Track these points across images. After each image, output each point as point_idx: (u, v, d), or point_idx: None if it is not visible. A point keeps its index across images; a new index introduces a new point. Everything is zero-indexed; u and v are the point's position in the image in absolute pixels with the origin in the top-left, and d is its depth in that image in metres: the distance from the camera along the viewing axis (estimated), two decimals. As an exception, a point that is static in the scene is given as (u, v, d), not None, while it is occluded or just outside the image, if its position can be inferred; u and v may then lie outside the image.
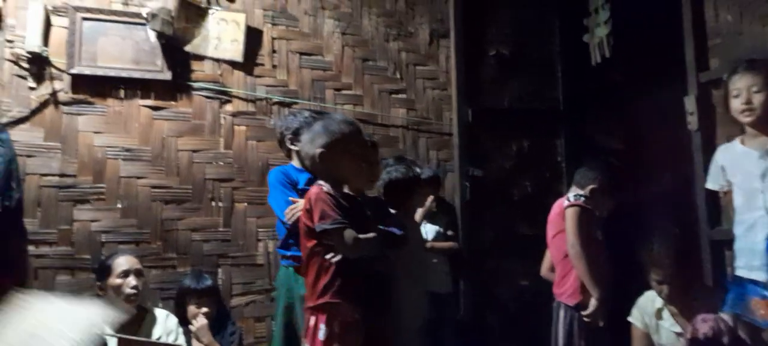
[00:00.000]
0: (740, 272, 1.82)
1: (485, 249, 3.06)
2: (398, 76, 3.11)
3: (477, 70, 3.19)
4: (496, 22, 3.24)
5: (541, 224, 2.47)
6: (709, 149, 2.40)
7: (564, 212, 2.13)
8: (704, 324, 1.76)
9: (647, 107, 2.83)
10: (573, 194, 2.14)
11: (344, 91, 3.02)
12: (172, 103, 2.76)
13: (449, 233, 2.84)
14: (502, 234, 3.11)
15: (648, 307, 2.15)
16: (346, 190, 1.83)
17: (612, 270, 2.24)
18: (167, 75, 2.71)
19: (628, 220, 2.54)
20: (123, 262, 2.35)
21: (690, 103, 2.44)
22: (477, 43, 3.19)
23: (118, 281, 2.33)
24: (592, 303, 1.90)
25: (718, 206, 2.37)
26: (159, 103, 2.74)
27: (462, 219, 3.06)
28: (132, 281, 2.32)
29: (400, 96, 3.10)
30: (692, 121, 2.43)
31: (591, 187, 2.20)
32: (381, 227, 1.82)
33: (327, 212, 1.71)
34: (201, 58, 2.80)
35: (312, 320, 1.75)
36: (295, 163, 2.29)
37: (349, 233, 1.70)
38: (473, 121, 3.12)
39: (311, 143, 1.82)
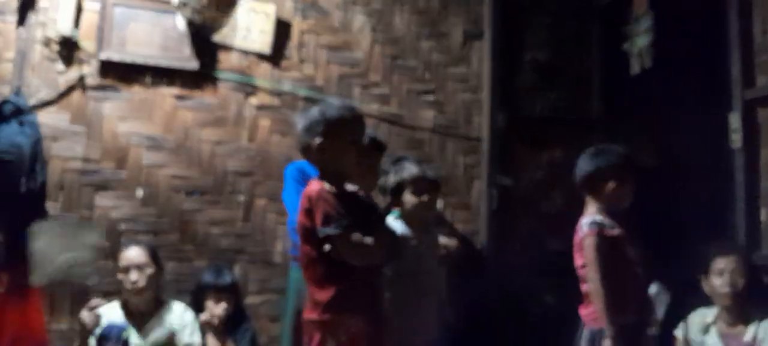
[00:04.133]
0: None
1: (511, 263, 3.17)
2: (428, 76, 3.25)
3: (511, 75, 3.31)
4: (534, 26, 3.36)
5: (570, 239, 2.56)
6: (752, 169, 2.51)
7: (581, 241, 2.14)
8: None
9: (687, 122, 2.92)
10: (589, 220, 2.14)
11: (372, 90, 3.17)
12: (198, 92, 2.94)
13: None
14: (530, 248, 3.21)
15: (696, 322, 2.29)
16: (347, 186, 1.80)
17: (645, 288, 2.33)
18: (194, 64, 2.90)
19: (665, 238, 2.63)
20: (125, 256, 2.52)
21: (734, 120, 2.53)
22: (512, 47, 3.31)
23: (120, 275, 2.51)
24: (606, 343, 1.99)
25: (759, 229, 2.46)
26: (184, 92, 2.92)
27: (488, 230, 3.18)
28: (132, 276, 2.48)
29: (428, 97, 3.24)
30: (736, 139, 2.53)
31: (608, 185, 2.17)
32: (384, 232, 1.81)
33: (330, 213, 1.66)
34: (228, 48, 2.97)
35: (315, 335, 1.72)
36: None
37: (356, 238, 1.67)
38: (505, 128, 3.24)
39: (308, 132, 1.77)
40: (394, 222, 2.37)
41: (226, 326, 2.61)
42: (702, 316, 2.29)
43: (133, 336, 2.47)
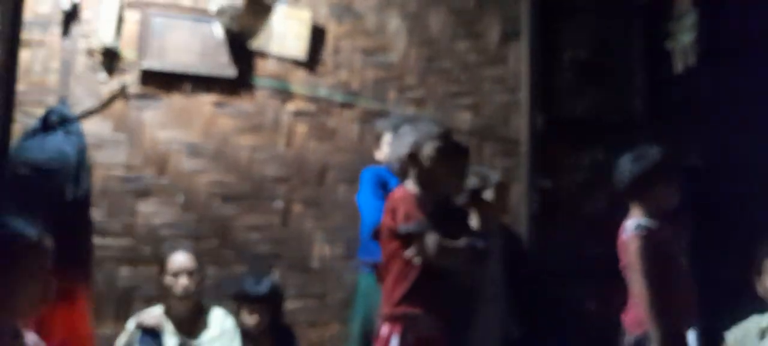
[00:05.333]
0: None
1: (552, 267, 3.18)
2: (464, 78, 3.29)
3: (550, 75, 3.33)
4: (573, 25, 3.38)
5: (612, 244, 2.57)
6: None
7: (626, 245, 2.15)
8: None
9: (735, 122, 2.90)
10: (635, 222, 2.15)
11: (407, 93, 3.23)
12: (235, 99, 3.04)
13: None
14: (571, 252, 3.22)
15: (752, 328, 2.30)
16: (437, 196, 1.97)
17: (698, 293, 2.34)
18: (232, 71, 3.00)
19: (715, 239, 2.63)
20: (175, 261, 2.61)
21: (783, 120, 2.52)
22: (551, 46, 3.34)
23: (170, 279, 2.60)
24: None
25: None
26: (222, 99, 3.03)
27: (529, 234, 3.20)
28: (183, 281, 2.58)
29: (465, 99, 3.29)
30: (786, 138, 2.51)
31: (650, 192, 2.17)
32: (469, 238, 1.96)
33: (411, 213, 1.82)
34: (265, 55, 3.07)
35: (385, 330, 1.85)
36: None
37: (432, 238, 1.80)
38: (545, 129, 3.26)
39: (399, 144, 1.96)
40: None
41: (265, 336, 2.69)
42: (757, 322, 2.30)
43: (173, 343, 2.57)
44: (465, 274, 1.98)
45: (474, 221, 2.46)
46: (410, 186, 1.94)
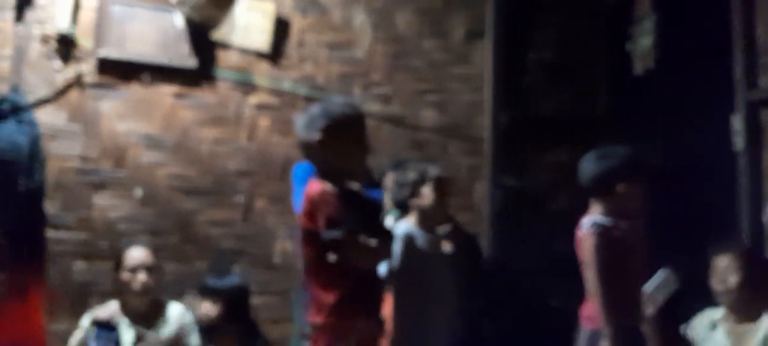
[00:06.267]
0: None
1: (516, 265, 3.26)
2: (431, 76, 3.34)
3: (515, 75, 3.41)
4: (538, 25, 3.46)
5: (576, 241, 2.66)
6: (755, 171, 2.61)
7: (582, 241, 2.22)
8: None
9: (692, 124, 3.02)
10: (591, 219, 2.22)
11: (373, 89, 3.27)
12: (197, 91, 3.04)
13: None
14: (535, 249, 3.30)
15: (704, 321, 2.42)
16: (348, 185, 1.84)
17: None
18: (193, 62, 3.00)
19: (672, 240, 2.73)
20: (133, 256, 2.61)
21: (737, 122, 2.64)
22: (516, 46, 3.41)
23: (128, 275, 2.59)
24: (605, 343, 2.09)
25: (762, 230, 2.57)
26: (183, 90, 3.02)
27: (492, 232, 3.27)
28: (141, 276, 2.58)
29: (431, 97, 3.34)
30: (738, 141, 2.64)
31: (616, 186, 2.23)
32: (383, 225, 1.90)
33: (334, 216, 1.69)
34: (227, 46, 3.07)
35: (321, 339, 1.76)
36: None
37: (363, 241, 1.71)
38: (509, 128, 3.33)
39: (308, 127, 1.79)
40: (400, 222, 2.47)
41: (230, 332, 2.70)
42: (709, 315, 2.43)
43: (130, 337, 2.56)
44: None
45: (413, 218, 2.48)
46: (323, 179, 1.80)
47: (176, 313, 2.69)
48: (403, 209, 2.59)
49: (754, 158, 2.61)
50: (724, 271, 2.35)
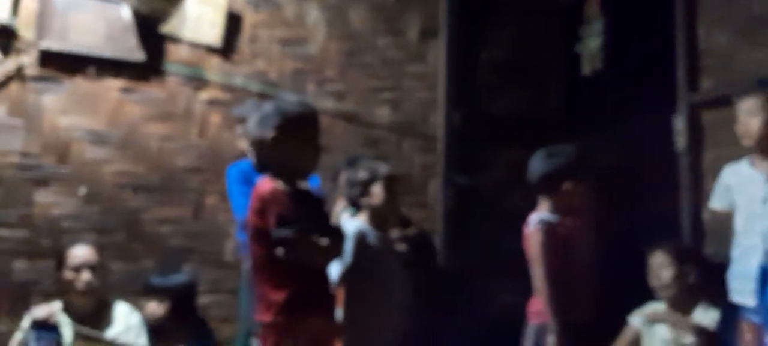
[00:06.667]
0: (734, 296, 2.11)
1: (469, 262, 3.31)
2: (385, 73, 3.36)
3: (469, 74, 3.45)
4: (492, 25, 3.51)
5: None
6: (696, 170, 2.72)
7: (529, 238, 2.29)
8: None
9: (639, 124, 3.12)
10: (538, 216, 2.29)
11: (327, 86, 3.26)
12: (144, 85, 2.98)
13: None
14: (488, 247, 3.36)
15: (647, 312, 2.52)
16: (299, 184, 1.86)
17: (599, 286, 2.51)
18: (140, 55, 2.93)
19: (621, 236, 2.82)
20: (76, 255, 2.54)
21: (679, 123, 2.74)
22: (470, 45, 3.46)
23: (71, 274, 2.53)
24: (549, 340, 2.16)
25: (702, 228, 2.68)
26: (130, 84, 2.96)
27: (445, 229, 3.31)
28: (85, 275, 2.51)
29: (385, 95, 3.36)
30: (680, 142, 2.74)
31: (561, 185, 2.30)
32: (333, 224, 1.92)
33: (285, 213, 1.70)
34: (176, 40, 3.02)
35: (270, 337, 1.76)
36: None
37: (314, 240, 1.72)
38: (462, 126, 3.37)
39: (261, 125, 1.80)
40: (352, 220, 2.48)
41: (179, 331, 2.67)
42: (653, 307, 2.54)
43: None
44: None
45: (364, 216, 2.50)
46: (274, 177, 1.81)
47: (122, 313, 2.63)
48: (356, 207, 2.60)
49: (694, 158, 2.71)
50: (658, 267, 2.45)
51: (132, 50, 2.92)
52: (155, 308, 2.65)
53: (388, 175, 2.47)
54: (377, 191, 2.44)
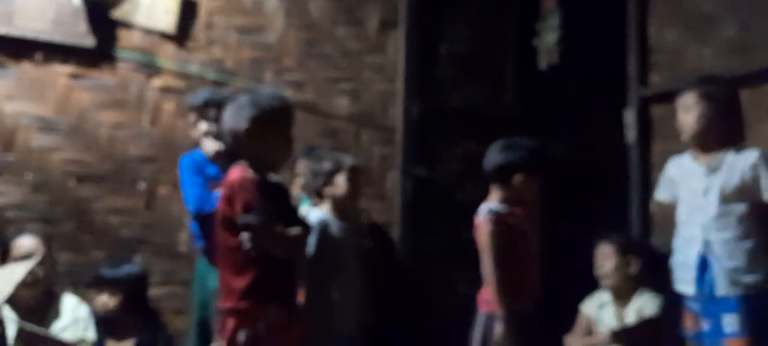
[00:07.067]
0: (676, 284, 2.17)
1: (426, 253, 3.34)
2: (344, 64, 3.34)
3: (428, 67, 3.46)
4: (452, 18, 3.52)
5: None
6: (645, 163, 2.80)
7: (478, 227, 2.33)
8: None
9: (593, 118, 3.20)
10: (487, 207, 2.34)
11: (285, 75, 3.23)
12: (95, 72, 2.90)
13: None
14: (444, 238, 3.39)
15: (595, 300, 2.61)
16: (271, 176, 1.90)
17: (548, 277, 2.57)
18: (91, 41, 2.86)
19: (574, 227, 2.88)
20: (21, 245, 2.48)
21: (629, 117, 2.81)
22: (430, 38, 3.46)
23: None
24: (498, 327, 2.21)
25: (650, 219, 2.76)
26: (80, 71, 2.88)
27: (403, 221, 3.33)
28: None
29: (344, 85, 3.34)
30: (630, 135, 2.81)
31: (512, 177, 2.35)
32: (298, 221, 1.90)
33: (252, 201, 1.74)
34: (129, 26, 2.95)
35: (230, 323, 1.79)
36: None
37: (279, 230, 1.76)
38: (421, 119, 3.39)
39: (236, 117, 1.84)
40: (316, 211, 2.48)
41: (129, 323, 2.63)
42: (599, 296, 2.63)
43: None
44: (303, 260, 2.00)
45: (326, 206, 2.51)
46: (246, 167, 1.85)
47: (70, 305, 2.58)
48: (315, 196, 2.60)
49: (644, 151, 2.79)
50: (602, 257, 2.52)
51: (81, 35, 2.84)
52: (106, 300, 2.60)
53: (353, 166, 2.50)
54: (341, 182, 2.48)
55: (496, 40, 3.59)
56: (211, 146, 2.44)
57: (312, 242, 2.28)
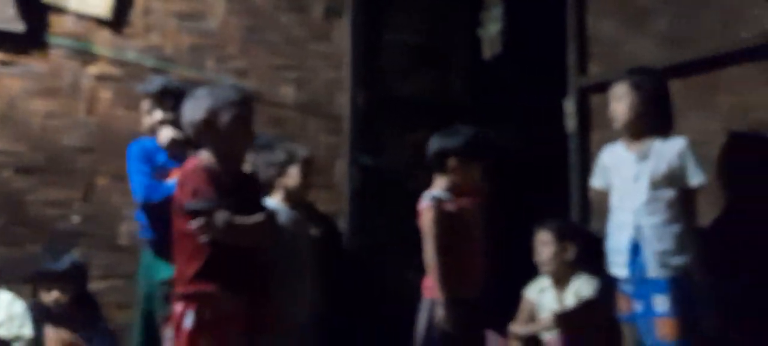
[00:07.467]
0: (610, 268, 2.25)
1: (374, 242, 3.35)
2: (289, 51, 3.31)
3: (375, 55, 3.46)
4: (398, 7, 3.52)
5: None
6: (584, 151, 2.87)
7: (420, 214, 2.38)
8: None
9: (537, 107, 3.26)
10: (429, 194, 2.38)
11: (227, 63, 3.18)
12: (25, 58, 2.79)
13: None
14: (392, 227, 3.41)
15: (538, 284, 2.69)
16: (234, 165, 1.94)
17: (493, 263, 2.62)
18: (20, 26, 2.74)
19: (521, 215, 2.95)
20: None
21: (569, 106, 2.88)
22: (377, 26, 3.46)
23: None
24: (439, 313, 2.26)
25: (589, 206, 2.84)
26: (8, 57, 2.77)
27: (351, 209, 3.33)
28: None
29: (290, 73, 3.31)
30: (570, 124, 2.88)
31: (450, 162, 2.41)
32: (262, 212, 1.94)
33: (200, 188, 1.78)
34: (61, 10, 2.85)
35: (179, 308, 1.83)
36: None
37: (221, 217, 1.77)
38: (368, 108, 3.39)
39: (194, 108, 1.89)
40: (267, 200, 2.47)
41: (69, 317, 2.56)
42: (540, 281, 2.71)
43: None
44: (264, 248, 2.01)
45: (278, 196, 2.51)
46: (205, 157, 1.90)
47: (4, 302, 2.50)
48: (266, 187, 2.59)
49: (583, 139, 2.86)
50: (540, 244, 2.59)
51: (10, 20, 2.73)
52: (58, 295, 2.54)
53: (306, 157, 2.52)
54: (294, 173, 2.50)
55: (443, 28, 3.61)
56: (167, 134, 2.40)
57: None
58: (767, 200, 2.17)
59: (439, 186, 2.42)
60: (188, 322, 1.81)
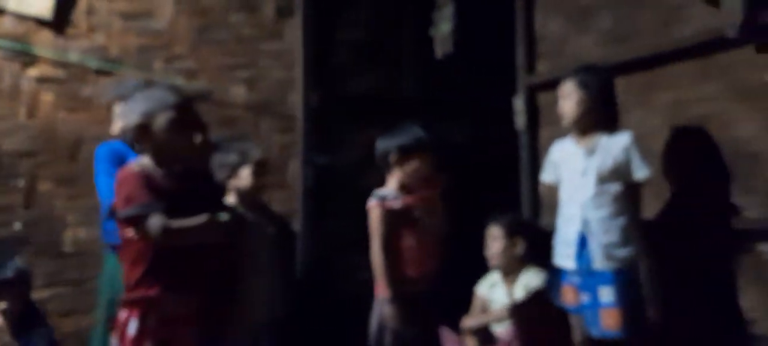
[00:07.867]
0: (558, 260, 2.30)
1: (328, 241, 3.35)
2: (240, 51, 3.27)
3: (328, 54, 3.45)
4: (349, 5, 3.52)
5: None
6: (534, 147, 2.94)
7: (368, 212, 2.37)
8: None
9: (487, 105, 3.32)
10: (376, 193, 2.39)
11: (176, 63, 3.12)
12: (-39, 60, 2.68)
13: None
14: (348, 226, 3.41)
15: (489, 280, 2.74)
16: (178, 167, 1.89)
17: (442, 260, 2.65)
18: (-45, 27, 2.63)
19: (473, 211, 2.99)
20: None
21: (519, 104, 2.94)
22: (328, 25, 3.45)
23: None
24: (385, 310, 2.28)
25: (539, 200, 2.91)
26: (-57, 59, 2.65)
27: (304, 209, 3.32)
28: None
29: (241, 73, 3.27)
30: (520, 121, 2.94)
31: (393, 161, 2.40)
32: (213, 213, 1.89)
33: (132, 194, 1.76)
34: (0, 11, 2.75)
35: (123, 315, 1.81)
36: None
37: (155, 222, 1.73)
38: (321, 107, 3.38)
39: (129, 113, 1.85)
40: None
41: (15, 325, 2.46)
42: (491, 276, 2.77)
43: None
44: (222, 249, 1.98)
45: (232, 196, 2.48)
46: (142, 162, 1.88)
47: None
48: None
49: (532, 136, 2.93)
50: (491, 239, 2.64)
51: (-57, 20, 2.62)
52: (6, 305, 2.42)
53: (258, 159, 2.49)
54: (246, 175, 2.47)
55: (393, 27, 3.63)
56: None
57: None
58: (707, 192, 2.26)
59: (390, 185, 2.43)
60: (132, 329, 1.78)
